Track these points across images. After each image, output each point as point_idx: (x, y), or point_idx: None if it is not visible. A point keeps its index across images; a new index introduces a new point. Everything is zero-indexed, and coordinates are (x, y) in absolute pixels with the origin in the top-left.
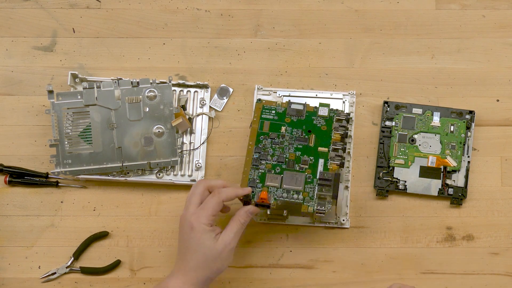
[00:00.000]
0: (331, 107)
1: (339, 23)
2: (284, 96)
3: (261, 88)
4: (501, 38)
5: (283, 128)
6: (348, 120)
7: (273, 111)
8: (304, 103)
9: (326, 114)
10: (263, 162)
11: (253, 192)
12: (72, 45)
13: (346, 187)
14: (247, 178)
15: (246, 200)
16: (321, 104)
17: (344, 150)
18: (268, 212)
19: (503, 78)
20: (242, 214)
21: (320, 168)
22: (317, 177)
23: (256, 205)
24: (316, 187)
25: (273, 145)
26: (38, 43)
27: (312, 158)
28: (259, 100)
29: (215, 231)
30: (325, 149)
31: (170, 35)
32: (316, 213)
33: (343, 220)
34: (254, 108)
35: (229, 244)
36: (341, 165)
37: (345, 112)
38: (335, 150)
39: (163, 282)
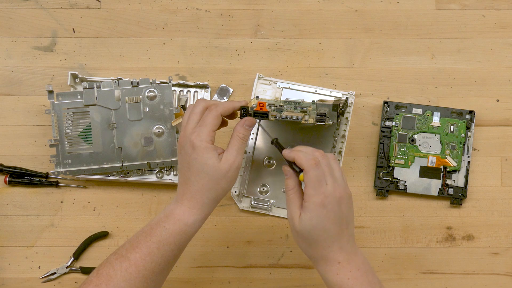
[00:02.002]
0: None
1: (339, 23)
2: (284, 87)
3: (262, 77)
4: (501, 38)
5: (279, 104)
6: (346, 105)
7: (270, 101)
8: (301, 100)
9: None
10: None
11: (248, 106)
12: (72, 45)
13: None
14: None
15: (243, 114)
16: (319, 100)
17: (344, 108)
18: (259, 189)
19: (503, 78)
20: (239, 128)
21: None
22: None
23: (255, 115)
24: (316, 106)
25: (272, 107)
26: (38, 43)
27: (310, 105)
28: (256, 97)
29: (217, 150)
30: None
31: (170, 35)
32: (317, 121)
33: None
34: (251, 102)
35: (234, 162)
36: (342, 110)
37: (346, 98)
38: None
39: (167, 210)
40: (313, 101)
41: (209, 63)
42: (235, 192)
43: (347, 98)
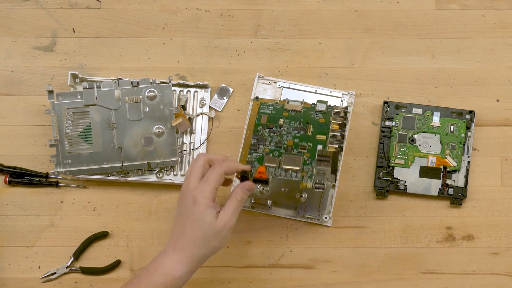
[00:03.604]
0: (328, 104)
1: (339, 23)
2: (284, 87)
3: (262, 77)
4: (501, 38)
5: (281, 120)
6: (346, 113)
7: (271, 107)
8: (302, 100)
9: (324, 109)
10: (261, 146)
11: (251, 171)
12: (72, 45)
13: (333, 186)
14: (245, 160)
15: (243, 176)
16: (319, 101)
17: (342, 136)
18: (259, 188)
19: (503, 78)
20: (239, 191)
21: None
22: (316, 156)
23: (254, 180)
24: (315, 163)
25: (271, 134)
26: (38, 43)
27: (310, 144)
28: (256, 98)
29: (216, 208)
30: (323, 137)
31: (170, 35)
32: (315, 188)
33: (326, 218)
34: (251, 104)
35: (229, 222)
36: (340, 148)
37: (346, 106)
38: (333, 136)
39: (157, 260)
40: (312, 104)
41: (209, 63)
42: None
43: (347, 107)
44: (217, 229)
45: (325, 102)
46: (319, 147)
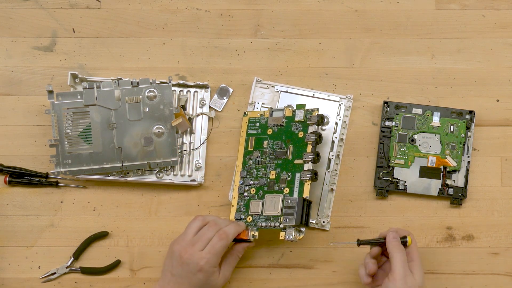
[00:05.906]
0: (307, 108)
1: (339, 23)
2: (281, 91)
3: (260, 81)
4: (501, 38)
5: (265, 143)
6: (319, 122)
7: (257, 124)
8: (283, 108)
9: (302, 117)
10: (247, 188)
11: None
12: (72, 45)
13: (332, 190)
14: (235, 208)
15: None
16: (298, 106)
17: (315, 159)
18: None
19: (503, 78)
20: (241, 249)
21: (296, 184)
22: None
23: (238, 241)
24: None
25: (257, 166)
26: (38, 43)
27: (289, 174)
28: (244, 113)
29: (219, 269)
30: (301, 161)
31: (170, 35)
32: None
33: (324, 222)
34: (242, 121)
35: (227, 277)
36: (313, 178)
37: (317, 114)
38: (306, 162)
39: None
40: (294, 112)
41: (209, 63)
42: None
43: (321, 115)
44: (218, 285)
45: (303, 106)
46: (296, 183)
